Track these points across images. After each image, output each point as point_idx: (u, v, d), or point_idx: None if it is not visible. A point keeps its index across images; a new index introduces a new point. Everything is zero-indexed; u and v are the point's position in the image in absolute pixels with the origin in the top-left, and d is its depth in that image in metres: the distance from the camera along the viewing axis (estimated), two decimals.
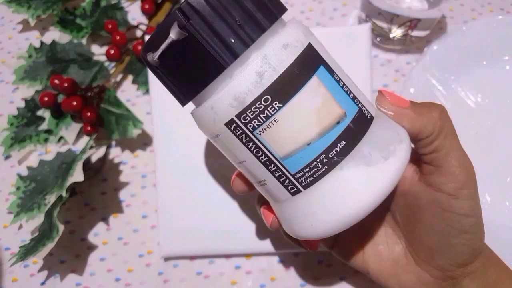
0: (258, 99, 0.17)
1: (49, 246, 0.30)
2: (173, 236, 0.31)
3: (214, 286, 0.33)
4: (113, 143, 0.38)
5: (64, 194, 0.30)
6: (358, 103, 0.19)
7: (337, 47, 0.31)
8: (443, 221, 0.21)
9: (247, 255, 0.33)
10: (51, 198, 0.33)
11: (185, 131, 0.31)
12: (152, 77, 0.32)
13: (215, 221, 0.31)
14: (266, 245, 0.31)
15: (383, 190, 0.18)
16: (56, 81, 0.35)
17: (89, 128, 0.36)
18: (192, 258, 0.33)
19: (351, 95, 0.19)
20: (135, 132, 0.35)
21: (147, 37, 0.32)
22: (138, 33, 0.42)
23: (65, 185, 0.30)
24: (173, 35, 0.17)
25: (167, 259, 0.33)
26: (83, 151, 0.33)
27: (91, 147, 0.37)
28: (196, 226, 0.31)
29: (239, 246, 0.31)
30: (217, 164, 0.31)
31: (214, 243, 0.31)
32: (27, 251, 0.31)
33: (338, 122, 0.18)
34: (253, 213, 0.31)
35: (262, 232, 0.31)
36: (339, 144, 0.18)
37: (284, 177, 0.19)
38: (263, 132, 0.18)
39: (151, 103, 0.32)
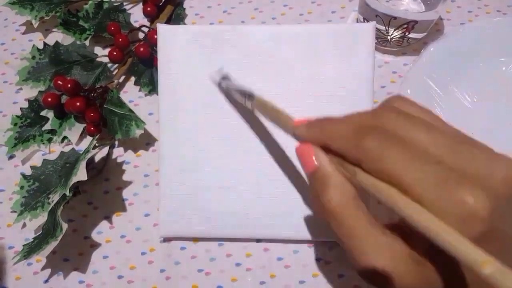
0: None
1: (53, 244, 0.30)
2: (172, 217, 0.32)
3: (215, 283, 0.33)
4: (116, 143, 0.39)
5: (67, 193, 0.30)
6: None
7: (341, 44, 0.31)
8: None
9: (248, 253, 0.34)
10: (54, 197, 0.33)
11: (190, 118, 0.32)
12: (162, 78, 0.32)
13: (214, 205, 0.32)
14: (265, 232, 0.32)
15: None
16: (60, 82, 0.36)
17: (92, 128, 0.36)
18: (193, 256, 0.34)
19: None
20: (137, 133, 0.35)
21: (159, 26, 0.33)
22: (141, 35, 0.43)
23: (69, 184, 0.31)
24: None
25: (166, 240, 0.34)
26: (86, 151, 0.33)
27: (94, 147, 0.37)
28: (195, 210, 0.32)
29: (238, 232, 0.32)
30: (219, 164, 0.32)
31: (212, 227, 0.32)
32: (30, 250, 0.31)
33: None
34: (254, 202, 0.32)
35: (262, 219, 0.32)
36: None
37: None
38: None
39: (159, 101, 0.32)
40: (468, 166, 0.16)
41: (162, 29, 0.32)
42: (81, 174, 0.31)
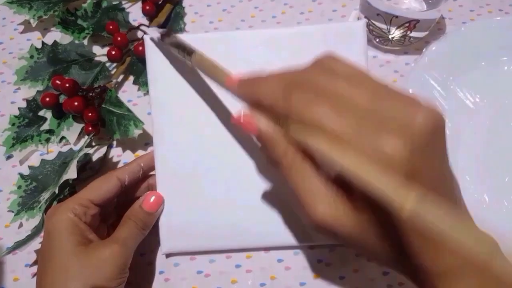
0: None
1: (36, 239, 0.30)
2: (174, 233, 0.32)
3: (214, 285, 0.33)
4: (114, 143, 0.38)
5: (57, 191, 0.30)
6: None
7: (332, 44, 0.31)
8: None
9: (248, 254, 0.33)
10: (46, 195, 0.33)
11: (185, 130, 0.31)
12: (152, 91, 0.32)
13: (215, 218, 0.31)
14: (267, 240, 0.32)
15: None
16: (58, 82, 0.36)
17: (90, 128, 0.36)
18: (192, 258, 0.34)
19: None
20: (136, 132, 0.35)
21: (146, 38, 0.32)
22: (139, 34, 0.42)
23: (59, 183, 0.31)
24: None
25: (168, 255, 0.34)
26: (79, 150, 0.33)
27: (91, 146, 0.37)
28: (196, 223, 0.31)
29: (240, 242, 0.32)
30: (216, 162, 0.31)
31: (215, 240, 0.32)
32: (17, 245, 0.32)
33: None
34: (253, 210, 0.31)
35: (263, 227, 0.31)
36: None
37: None
38: None
39: (151, 103, 0.32)
40: (386, 116, 0.17)
41: (149, 40, 0.31)
42: (71, 172, 0.30)
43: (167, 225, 0.32)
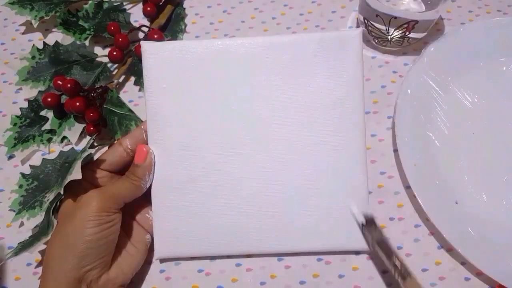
0: None
1: (43, 240, 0.30)
2: (167, 239, 0.32)
3: (215, 284, 0.33)
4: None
5: (62, 191, 0.30)
6: None
7: (328, 52, 0.31)
8: None
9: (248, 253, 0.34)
10: (50, 196, 0.33)
11: (179, 138, 0.32)
12: (148, 96, 0.32)
13: (207, 225, 0.32)
14: (262, 246, 0.32)
15: None
16: (59, 82, 0.36)
17: (92, 128, 0.36)
18: (193, 257, 0.34)
19: None
20: None
21: (144, 44, 0.32)
22: (141, 35, 0.43)
23: (63, 183, 0.31)
24: None
25: (162, 260, 0.34)
26: (83, 150, 0.33)
27: (93, 147, 0.37)
28: (189, 230, 0.32)
29: (233, 248, 0.32)
30: (209, 170, 0.32)
31: (207, 246, 0.32)
32: (23, 247, 0.31)
33: None
34: (247, 217, 0.32)
35: (257, 234, 0.32)
36: None
37: None
38: None
39: (146, 109, 0.32)
40: None
41: (147, 45, 0.32)
42: (76, 173, 0.30)
43: (161, 231, 0.32)
